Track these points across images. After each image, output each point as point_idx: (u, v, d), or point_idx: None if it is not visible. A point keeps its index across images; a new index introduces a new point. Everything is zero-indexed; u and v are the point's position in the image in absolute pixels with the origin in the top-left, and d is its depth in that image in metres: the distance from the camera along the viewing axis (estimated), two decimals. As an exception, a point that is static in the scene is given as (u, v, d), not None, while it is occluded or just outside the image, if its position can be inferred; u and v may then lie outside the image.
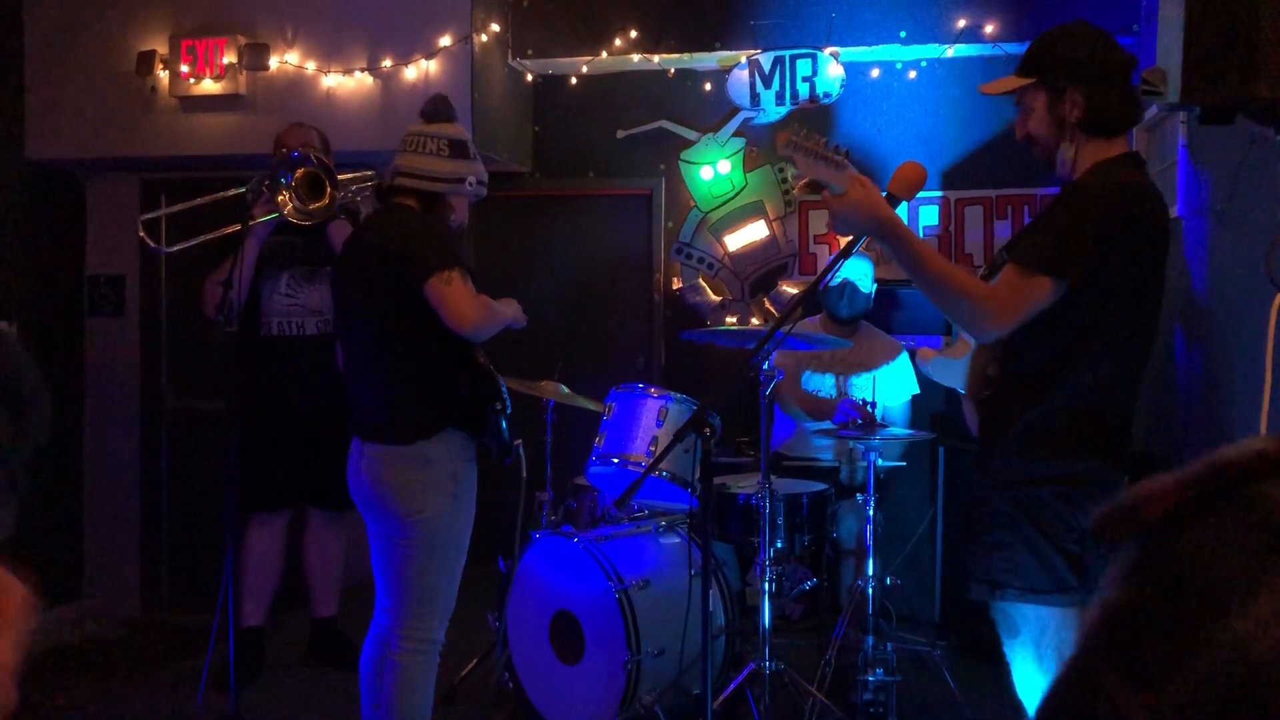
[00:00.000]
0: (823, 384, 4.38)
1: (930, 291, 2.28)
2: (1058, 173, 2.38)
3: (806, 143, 2.27)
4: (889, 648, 3.63)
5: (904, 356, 4.45)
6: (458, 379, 2.83)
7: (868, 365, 4.40)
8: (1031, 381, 2.25)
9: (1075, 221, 2.17)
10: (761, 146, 5.37)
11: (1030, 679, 2.27)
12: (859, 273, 4.40)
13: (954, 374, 2.51)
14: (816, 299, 4.27)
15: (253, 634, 4.13)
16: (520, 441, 2.93)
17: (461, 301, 2.72)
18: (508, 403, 2.86)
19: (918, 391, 4.47)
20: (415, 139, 2.94)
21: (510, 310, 2.99)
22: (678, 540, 3.76)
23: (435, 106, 2.99)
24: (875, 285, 4.47)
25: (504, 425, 2.85)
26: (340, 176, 3.93)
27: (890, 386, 4.36)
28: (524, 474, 3.06)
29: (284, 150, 3.93)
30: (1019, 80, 2.37)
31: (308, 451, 4.03)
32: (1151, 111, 4.41)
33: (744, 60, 5.20)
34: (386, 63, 4.95)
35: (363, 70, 4.98)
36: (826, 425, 4.25)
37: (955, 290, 2.22)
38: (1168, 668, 0.42)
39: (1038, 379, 2.24)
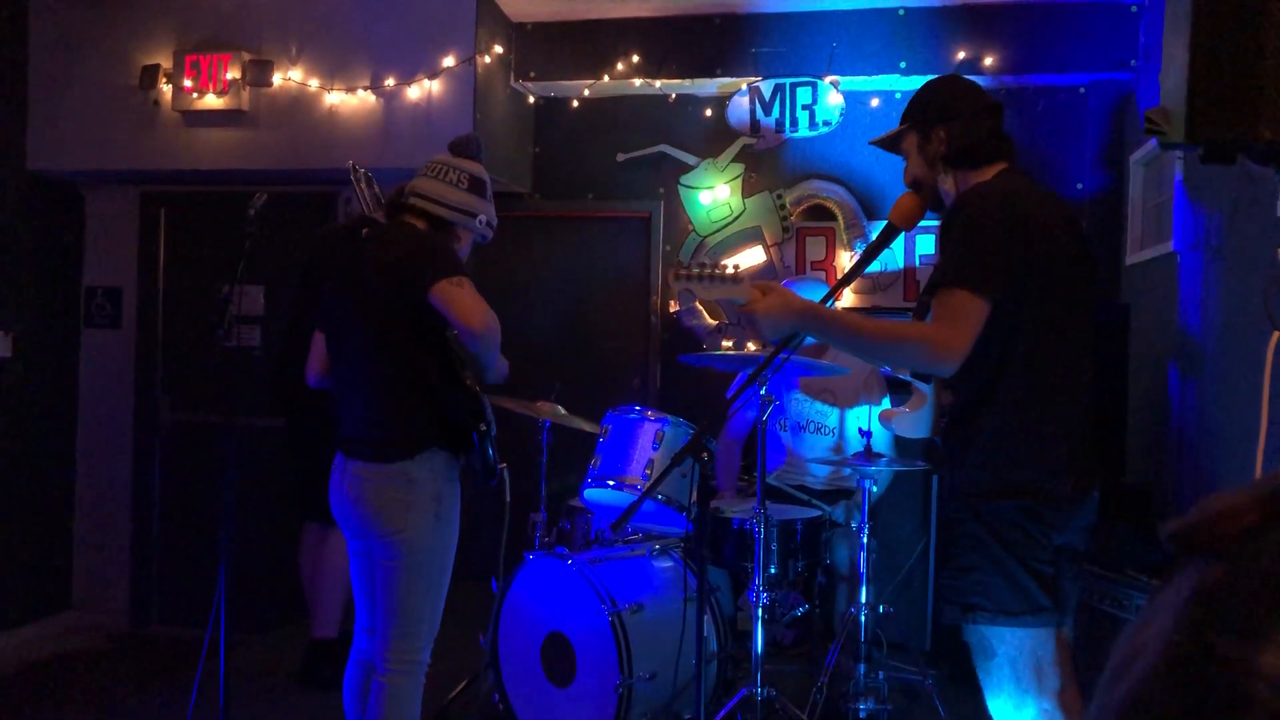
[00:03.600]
0: (827, 415, 4.37)
1: (877, 354, 2.42)
2: (948, 208, 2.50)
3: (696, 271, 2.38)
4: (880, 676, 3.63)
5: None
6: (444, 398, 2.80)
7: (867, 396, 4.39)
8: (978, 398, 2.30)
9: (969, 234, 2.25)
10: (760, 172, 5.40)
11: (1008, 700, 2.29)
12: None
13: (920, 425, 2.59)
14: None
15: (332, 646, 4.09)
16: (505, 465, 2.91)
17: (474, 303, 2.69)
18: (493, 425, 2.84)
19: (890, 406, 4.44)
20: (437, 167, 2.95)
21: (502, 358, 2.96)
22: (671, 564, 3.76)
23: (464, 143, 3.03)
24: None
25: (489, 448, 2.82)
26: None
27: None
28: (508, 498, 3.04)
29: None
30: (896, 129, 2.58)
31: None
32: (1148, 147, 4.46)
33: (745, 87, 5.24)
34: (390, 82, 4.98)
35: (366, 89, 5.00)
36: (823, 454, 4.25)
37: (899, 341, 2.32)
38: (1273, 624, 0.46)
39: (983, 394, 2.29)
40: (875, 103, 5.24)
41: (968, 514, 2.31)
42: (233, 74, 5.03)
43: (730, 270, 2.37)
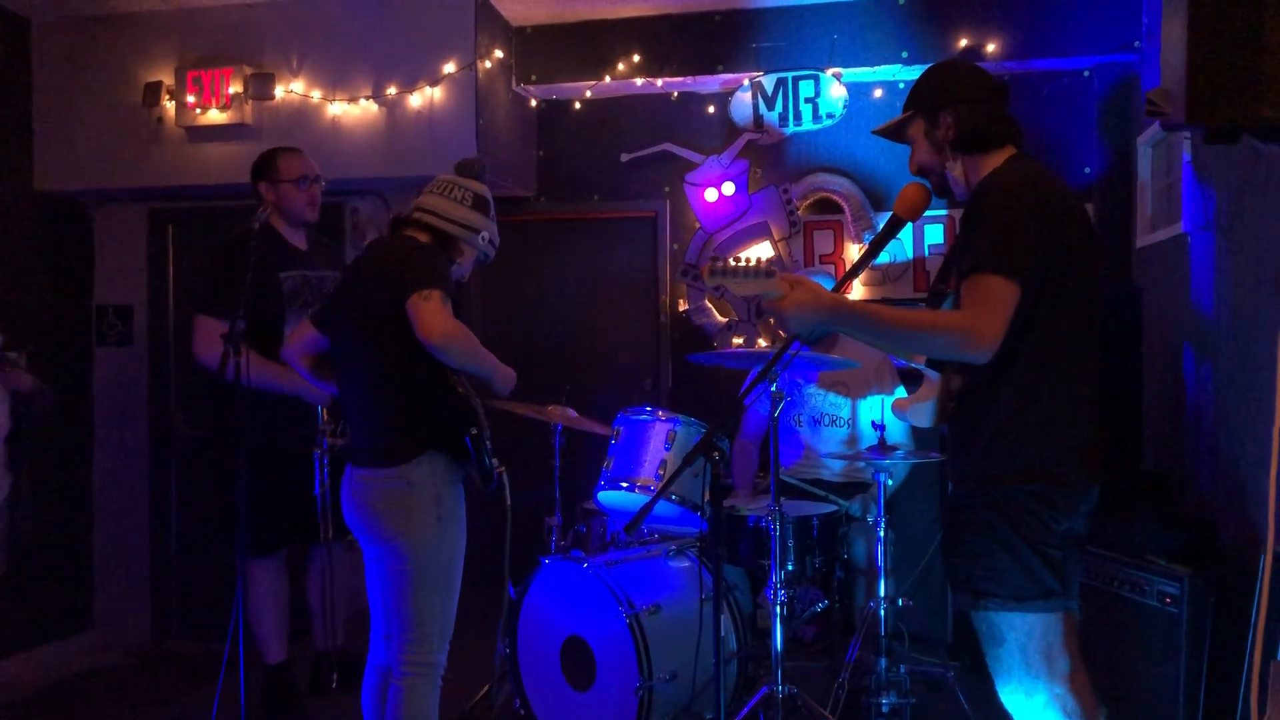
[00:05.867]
0: (840, 407, 4.35)
1: (910, 345, 2.38)
2: (956, 195, 2.51)
3: (729, 267, 2.37)
4: (902, 669, 3.61)
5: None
6: (436, 402, 2.83)
7: (879, 386, 4.37)
8: (991, 381, 2.29)
9: (999, 219, 2.23)
10: (766, 167, 5.39)
11: (1019, 685, 2.29)
12: None
13: (930, 413, 2.57)
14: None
15: (281, 670, 4.06)
16: (503, 469, 2.92)
17: (434, 314, 2.71)
18: (485, 429, 2.86)
19: (905, 395, 4.40)
20: (443, 185, 3.04)
21: (502, 368, 2.97)
22: (688, 564, 3.75)
23: (470, 164, 3.12)
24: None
25: (484, 453, 2.84)
26: None
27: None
28: (508, 501, 3.05)
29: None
30: (901, 117, 2.57)
31: (304, 487, 3.90)
32: (1155, 129, 4.42)
33: (747, 82, 5.23)
34: (391, 90, 4.98)
35: (368, 98, 5.01)
36: (837, 447, 4.23)
37: (931, 331, 2.27)
38: None
39: (996, 377, 2.27)
40: (878, 93, 5.21)
41: (977, 499, 2.30)
42: (235, 88, 5.04)
43: (763, 264, 2.36)
